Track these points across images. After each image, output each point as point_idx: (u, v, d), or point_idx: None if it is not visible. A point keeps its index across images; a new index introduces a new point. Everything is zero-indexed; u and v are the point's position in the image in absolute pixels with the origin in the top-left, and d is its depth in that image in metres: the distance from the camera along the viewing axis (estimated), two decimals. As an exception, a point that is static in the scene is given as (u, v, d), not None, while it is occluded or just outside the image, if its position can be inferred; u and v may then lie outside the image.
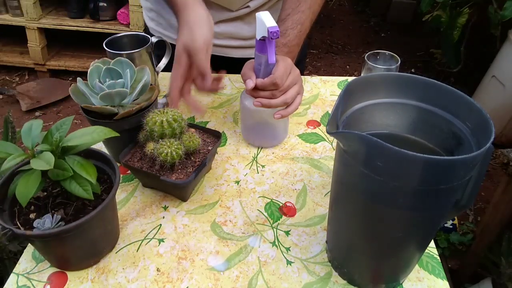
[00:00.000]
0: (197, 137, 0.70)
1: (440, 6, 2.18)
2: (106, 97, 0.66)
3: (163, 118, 0.66)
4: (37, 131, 0.57)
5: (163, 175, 0.67)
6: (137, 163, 0.69)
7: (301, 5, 0.80)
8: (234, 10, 0.95)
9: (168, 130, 0.66)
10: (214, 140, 0.75)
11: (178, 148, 0.65)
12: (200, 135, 0.75)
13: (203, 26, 0.71)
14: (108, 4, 2.38)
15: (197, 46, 0.70)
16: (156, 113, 0.67)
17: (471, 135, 0.49)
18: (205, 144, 0.74)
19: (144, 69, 0.72)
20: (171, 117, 0.66)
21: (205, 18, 0.73)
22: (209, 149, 0.72)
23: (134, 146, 0.72)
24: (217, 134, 0.75)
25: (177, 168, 0.68)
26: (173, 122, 0.66)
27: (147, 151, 0.66)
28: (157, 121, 0.65)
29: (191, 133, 0.69)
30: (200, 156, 0.71)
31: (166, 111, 0.67)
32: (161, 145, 0.65)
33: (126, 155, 0.70)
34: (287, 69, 0.72)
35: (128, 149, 0.71)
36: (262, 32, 0.67)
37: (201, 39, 0.70)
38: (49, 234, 0.53)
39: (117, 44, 0.87)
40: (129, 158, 0.70)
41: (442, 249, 1.53)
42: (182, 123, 0.68)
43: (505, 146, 1.28)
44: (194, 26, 0.71)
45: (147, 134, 0.68)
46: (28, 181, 0.53)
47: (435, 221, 0.50)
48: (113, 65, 0.70)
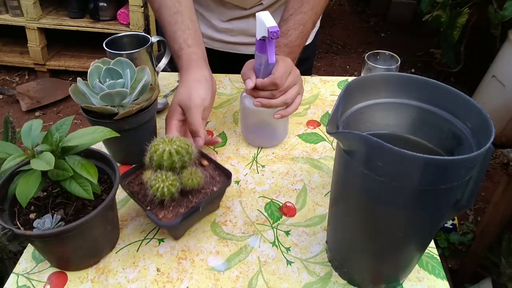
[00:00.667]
0: (200, 175, 0.62)
1: (440, 6, 2.18)
2: (106, 97, 0.66)
3: (166, 148, 0.59)
4: (37, 131, 0.57)
5: (151, 209, 0.61)
6: (136, 187, 0.65)
7: (303, 6, 0.80)
8: (247, 8, 0.96)
9: (166, 162, 0.59)
10: (224, 179, 0.66)
11: (172, 185, 0.59)
12: (211, 170, 0.68)
13: (202, 86, 0.70)
14: (108, 4, 2.38)
15: (193, 104, 0.68)
16: (162, 140, 0.60)
17: (471, 135, 0.49)
18: (212, 182, 0.66)
19: (144, 69, 0.72)
20: (175, 148, 0.59)
21: (206, 79, 0.72)
22: (213, 189, 0.64)
23: (140, 167, 0.68)
24: (227, 173, 0.67)
25: (168, 205, 0.61)
26: (174, 154, 0.59)
27: (143, 178, 0.61)
28: (159, 149, 0.59)
29: (195, 170, 0.62)
30: (199, 196, 0.63)
31: (175, 140, 0.60)
32: (156, 177, 0.59)
33: (129, 175, 0.67)
34: (287, 69, 0.72)
35: (133, 170, 0.67)
36: (262, 32, 0.67)
37: (198, 98, 0.69)
38: (49, 234, 0.53)
39: (117, 44, 0.87)
40: (131, 179, 0.67)
41: (442, 249, 1.53)
42: (185, 157, 0.60)
43: (505, 146, 1.28)
44: (193, 85, 0.70)
45: None
46: (28, 181, 0.53)
47: (435, 221, 0.50)
48: (113, 65, 0.70)
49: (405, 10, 3.29)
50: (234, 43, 1.02)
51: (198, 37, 0.77)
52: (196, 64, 0.73)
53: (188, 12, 0.77)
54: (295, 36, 0.79)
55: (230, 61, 1.03)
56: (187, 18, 0.76)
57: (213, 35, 1.02)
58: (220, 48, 1.04)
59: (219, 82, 1.02)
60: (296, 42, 0.80)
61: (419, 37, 3.08)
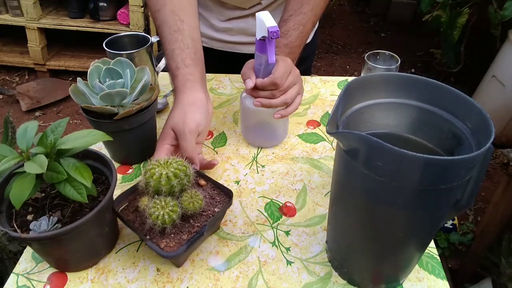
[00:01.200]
0: (201, 197, 0.58)
1: (440, 6, 2.18)
2: (106, 97, 0.66)
3: (163, 172, 0.56)
4: (31, 133, 0.56)
5: (151, 239, 0.57)
6: (131, 215, 0.60)
7: (303, 6, 0.80)
8: (246, 8, 0.96)
9: (165, 187, 0.56)
10: (224, 199, 0.63)
11: (173, 210, 0.55)
12: (210, 190, 0.64)
13: (198, 110, 0.67)
14: (108, 4, 2.38)
15: (187, 129, 0.65)
16: (158, 163, 0.57)
17: (471, 135, 0.49)
18: (212, 203, 0.62)
19: (144, 69, 0.72)
20: (172, 171, 0.56)
21: (202, 102, 0.69)
22: (215, 210, 0.61)
23: (133, 193, 0.62)
24: (228, 192, 0.63)
25: (169, 233, 0.57)
26: (173, 178, 0.56)
27: (140, 206, 0.57)
28: (156, 173, 0.56)
29: (194, 192, 0.58)
30: (201, 219, 0.59)
31: (171, 162, 0.57)
32: (155, 204, 0.55)
33: (122, 201, 0.61)
34: (287, 69, 0.72)
35: (125, 195, 0.61)
36: (262, 32, 0.67)
37: (193, 122, 0.66)
38: (45, 237, 0.52)
39: (117, 44, 0.87)
40: (125, 207, 0.61)
41: (442, 249, 1.53)
42: (184, 179, 0.57)
43: (505, 146, 1.28)
44: (188, 109, 0.67)
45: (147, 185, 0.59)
46: (22, 184, 0.52)
47: (435, 221, 0.50)
48: (113, 65, 0.70)
49: (405, 10, 3.29)
50: (234, 43, 1.02)
51: (199, 57, 0.74)
52: (191, 86, 0.70)
53: (190, 30, 0.74)
54: (295, 36, 0.79)
55: (230, 61, 1.03)
56: (188, 37, 0.73)
57: (213, 35, 1.02)
58: (220, 47, 1.04)
59: (219, 82, 1.02)
60: (296, 42, 0.80)
61: (419, 37, 3.08)
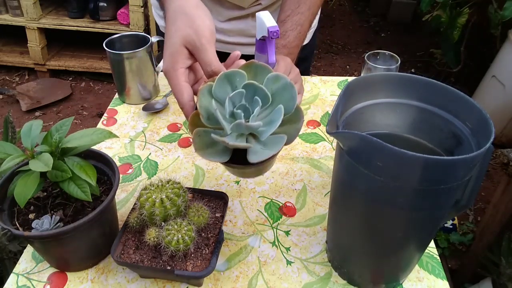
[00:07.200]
0: (205, 208, 0.56)
1: (440, 6, 2.18)
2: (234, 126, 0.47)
3: (162, 196, 0.52)
4: (36, 132, 0.57)
5: (175, 267, 0.53)
6: (134, 256, 0.55)
7: (300, 6, 0.80)
8: (245, 7, 0.95)
9: (172, 210, 0.52)
10: (219, 202, 0.62)
11: (189, 229, 0.52)
12: (200, 199, 0.62)
13: (204, 15, 0.56)
14: (108, 4, 2.38)
15: (204, 39, 0.53)
16: (150, 189, 0.53)
17: (471, 135, 0.49)
18: (210, 210, 0.60)
19: None
20: (171, 191, 0.53)
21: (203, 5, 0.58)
22: (217, 216, 0.60)
23: (123, 233, 0.58)
24: (220, 195, 0.62)
25: (190, 253, 0.54)
26: (175, 198, 0.52)
27: (148, 240, 0.53)
28: (156, 200, 0.52)
29: (196, 205, 0.56)
30: (211, 229, 0.58)
31: (163, 184, 0.54)
32: (167, 230, 0.52)
33: (117, 247, 0.56)
34: (287, 68, 0.72)
35: (117, 240, 0.56)
36: (262, 32, 0.67)
37: (207, 30, 0.54)
38: (47, 236, 0.52)
39: (117, 44, 0.87)
40: (121, 251, 0.56)
41: (442, 249, 1.53)
42: (185, 196, 0.54)
43: (505, 146, 1.28)
44: (195, 14, 0.55)
45: (141, 218, 0.54)
46: (26, 182, 0.53)
47: (435, 221, 0.50)
48: None
49: (405, 10, 3.29)
50: (233, 44, 1.02)
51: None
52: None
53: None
54: (293, 37, 0.79)
55: None
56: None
57: None
58: (218, 48, 1.03)
59: (219, 82, 1.02)
60: (294, 42, 0.80)
61: (419, 37, 3.08)
